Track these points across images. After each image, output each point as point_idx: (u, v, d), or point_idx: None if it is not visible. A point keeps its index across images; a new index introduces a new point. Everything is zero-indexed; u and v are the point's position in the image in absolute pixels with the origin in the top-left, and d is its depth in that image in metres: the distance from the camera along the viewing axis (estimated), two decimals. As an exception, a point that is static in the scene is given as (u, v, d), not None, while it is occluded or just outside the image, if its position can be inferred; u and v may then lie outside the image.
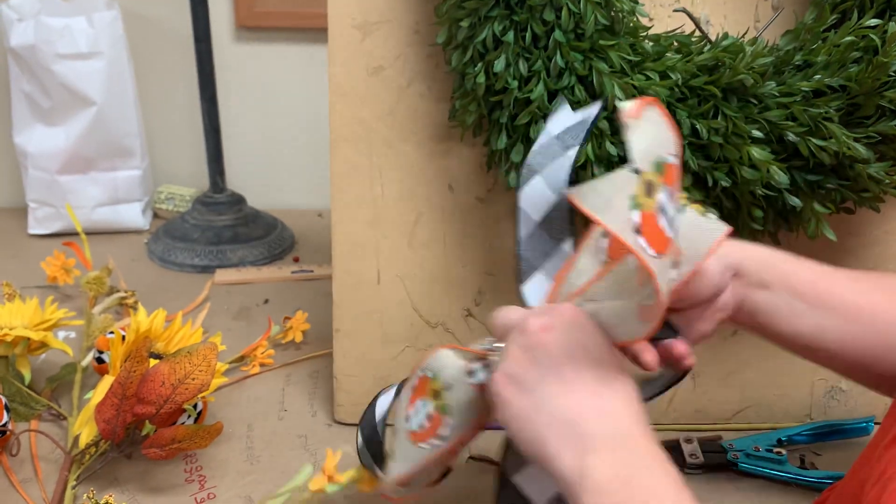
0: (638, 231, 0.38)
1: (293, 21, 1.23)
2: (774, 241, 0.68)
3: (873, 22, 0.59)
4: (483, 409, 0.48)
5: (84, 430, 0.68)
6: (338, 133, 0.69)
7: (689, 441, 0.72)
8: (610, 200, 0.38)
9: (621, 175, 0.39)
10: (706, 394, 0.77)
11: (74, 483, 0.66)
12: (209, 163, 1.15)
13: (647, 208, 0.39)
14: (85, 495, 0.62)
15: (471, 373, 0.48)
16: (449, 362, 0.49)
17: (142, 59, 1.23)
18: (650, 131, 0.41)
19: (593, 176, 0.62)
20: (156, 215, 1.29)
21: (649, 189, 0.39)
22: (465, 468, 0.71)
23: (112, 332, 0.79)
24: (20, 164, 1.18)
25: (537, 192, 0.53)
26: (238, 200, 1.19)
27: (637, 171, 0.39)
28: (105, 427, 0.65)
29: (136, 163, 1.20)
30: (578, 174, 0.62)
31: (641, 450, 0.40)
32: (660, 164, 0.40)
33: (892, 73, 0.58)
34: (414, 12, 0.66)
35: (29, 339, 0.76)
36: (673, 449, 0.71)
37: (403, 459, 0.51)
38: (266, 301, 1.02)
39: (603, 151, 0.61)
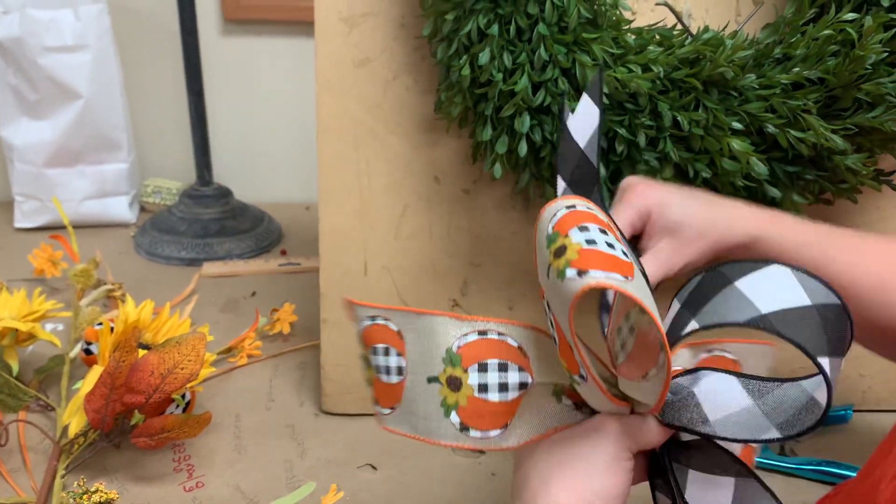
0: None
1: (280, 14, 1.24)
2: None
3: (850, 16, 0.60)
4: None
5: (73, 419, 0.69)
6: (324, 125, 0.70)
7: (671, 429, 0.73)
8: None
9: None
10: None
11: (63, 472, 0.67)
12: (196, 156, 1.16)
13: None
14: (76, 483, 0.62)
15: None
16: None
17: (128, 52, 1.23)
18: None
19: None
20: (143, 209, 1.29)
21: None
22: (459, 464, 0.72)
23: (101, 324, 0.79)
24: (6, 157, 1.18)
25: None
26: (225, 193, 1.19)
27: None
28: (94, 416, 0.65)
29: (123, 156, 1.20)
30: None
31: None
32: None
33: (869, 67, 0.59)
34: (400, 5, 0.67)
35: (17, 330, 0.77)
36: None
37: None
38: (254, 293, 1.02)
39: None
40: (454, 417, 0.43)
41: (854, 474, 0.49)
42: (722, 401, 0.42)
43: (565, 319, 0.37)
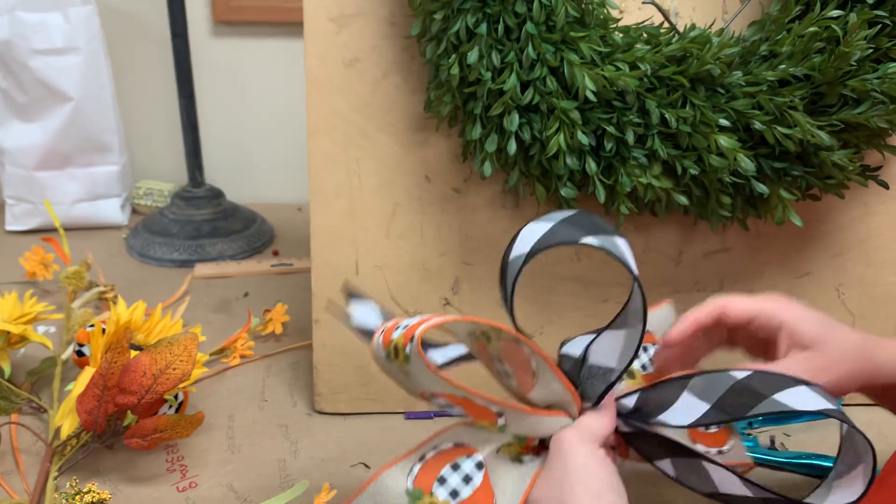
0: None
1: (270, 15, 1.24)
2: (743, 227, 0.69)
3: (835, 13, 0.60)
4: None
5: (65, 421, 0.69)
6: (314, 125, 0.70)
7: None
8: None
9: None
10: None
11: (56, 474, 0.67)
12: (187, 158, 1.16)
13: None
14: (68, 484, 0.62)
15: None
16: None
17: (119, 54, 1.23)
18: None
19: (565, 165, 0.63)
20: (135, 210, 1.29)
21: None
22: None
23: (93, 325, 0.80)
24: (-3, 160, 1.18)
25: None
26: (217, 195, 1.19)
27: None
28: (87, 418, 0.65)
29: (115, 158, 1.20)
30: (551, 164, 0.64)
31: None
32: None
33: (854, 63, 0.60)
34: (388, 4, 0.67)
35: (8, 332, 0.77)
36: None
37: None
38: (246, 294, 1.02)
39: (575, 142, 0.62)
40: None
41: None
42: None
43: (436, 379, 0.42)
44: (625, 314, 0.49)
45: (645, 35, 0.64)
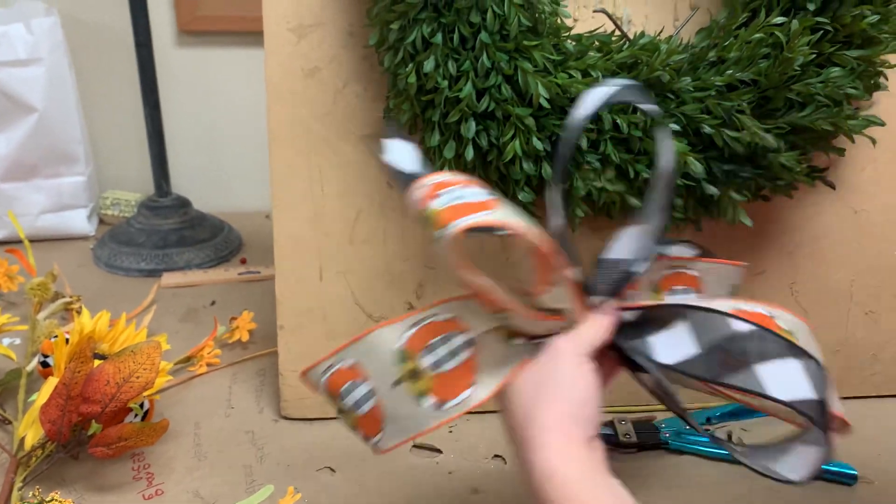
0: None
1: (235, 25, 1.25)
2: (697, 228, 0.71)
3: (779, 20, 0.62)
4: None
5: (29, 432, 0.69)
6: (275, 134, 0.71)
7: (623, 422, 0.75)
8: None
9: None
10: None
11: (21, 485, 0.67)
12: (153, 167, 1.16)
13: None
14: (31, 493, 0.62)
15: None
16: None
17: (83, 64, 1.23)
18: None
19: (522, 170, 0.64)
20: (101, 221, 1.29)
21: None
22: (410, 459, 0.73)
23: (56, 336, 0.80)
24: (-40, 172, 1.17)
25: None
26: (183, 204, 1.19)
27: None
28: (51, 428, 0.66)
29: (81, 169, 1.19)
30: (508, 169, 0.65)
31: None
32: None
33: (798, 68, 0.62)
34: (347, 14, 0.68)
35: (-28, 345, 0.77)
36: (608, 429, 0.74)
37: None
38: (213, 303, 1.03)
39: (531, 147, 0.63)
40: (429, 400, 0.47)
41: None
42: None
43: (459, 272, 0.43)
44: (644, 209, 0.51)
45: (597, 43, 0.66)
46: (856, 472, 0.69)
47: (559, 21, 0.65)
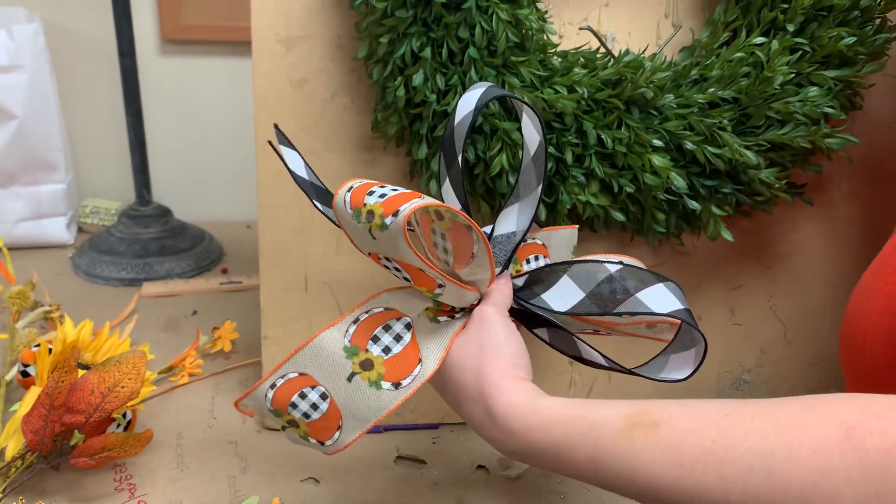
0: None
1: (218, 34, 1.25)
2: (678, 243, 0.72)
3: (760, 40, 0.64)
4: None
5: (10, 442, 0.68)
6: (263, 144, 0.71)
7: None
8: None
9: None
10: (622, 387, 0.81)
11: (1, 496, 0.66)
12: (135, 176, 1.15)
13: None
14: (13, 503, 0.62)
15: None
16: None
17: (65, 72, 1.22)
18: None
19: (508, 184, 0.65)
20: (81, 229, 1.28)
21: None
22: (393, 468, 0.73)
23: (38, 345, 0.79)
24: (-63, 178, 1.16)
25: None
26: (164, 213, 1.19)
27: None
28: (32, 438, 0.65)
29: (60, 177, 1.19)
30: (495, 182, 0.66)
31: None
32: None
33: (777, 87, 0.63)
34: (336, 27, 0.69)
35: (-49, 353, 0.76)
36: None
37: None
38: (195, 312, 1.02)
39: (517, 161, 0.64)
40: (385, 385, 0.51)
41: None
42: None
43: (409, 252, 0.47)
44: (517, 189, 0.59)
45: (582, 59, 0.67)
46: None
47: (546, 38, 0.66)
